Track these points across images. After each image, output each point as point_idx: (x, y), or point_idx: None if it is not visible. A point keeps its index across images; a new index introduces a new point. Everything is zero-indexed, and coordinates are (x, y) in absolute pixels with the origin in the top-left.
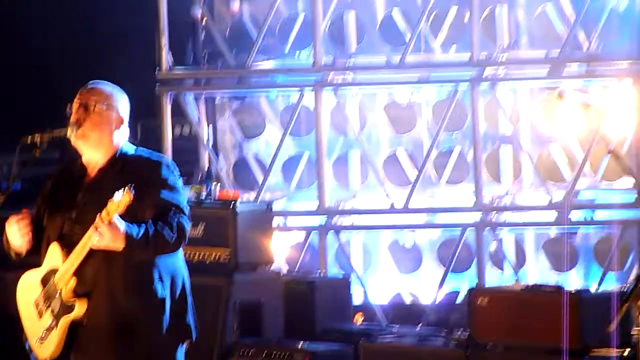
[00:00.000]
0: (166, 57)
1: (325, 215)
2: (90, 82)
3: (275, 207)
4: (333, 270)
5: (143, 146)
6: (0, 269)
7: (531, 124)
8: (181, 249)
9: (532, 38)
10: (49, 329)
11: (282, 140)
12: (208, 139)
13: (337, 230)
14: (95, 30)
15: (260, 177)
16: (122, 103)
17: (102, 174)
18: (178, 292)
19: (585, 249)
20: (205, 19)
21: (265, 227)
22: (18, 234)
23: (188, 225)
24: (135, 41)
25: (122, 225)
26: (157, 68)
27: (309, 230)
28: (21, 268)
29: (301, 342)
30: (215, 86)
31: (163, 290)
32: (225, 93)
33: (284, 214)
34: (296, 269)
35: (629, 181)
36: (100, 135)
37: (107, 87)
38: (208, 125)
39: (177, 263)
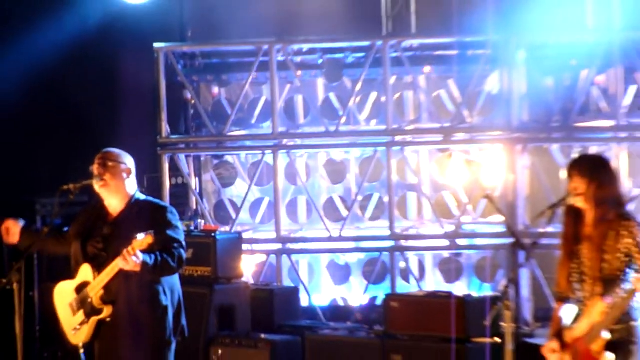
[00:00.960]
0: (165, 128)
1: (281, 243)
2: (104, 149)
3: (244, 236)
4: (287, 282)
5: (148, 193)
6: (48, 280)
7: (430, 176)
8: None
9: (430, 114)
10: (81, 324)
11: (249, 188)
12: (195, 187)
13: (289, 253)
14: (114, 109)
15: (233, 215)
16: (128, 159)
17: (123, 215)
18: (176, 301)
19: (468, 266)
20: (193, 100)
21: (237, 251)
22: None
23: (185, 255)
24: (141, 116)
25: (141, 256)
26: (158, 136)
27: (269, 253)
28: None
29: (264, 335)
30: (200, 149)
31: (166, 300)
32: (208, 154)
33: (251, 241)
34: (260, 281)
35: (499, 218)
36: (117, 184)
37: (116, 150)
38: (195, 177)
39: (175, 280)
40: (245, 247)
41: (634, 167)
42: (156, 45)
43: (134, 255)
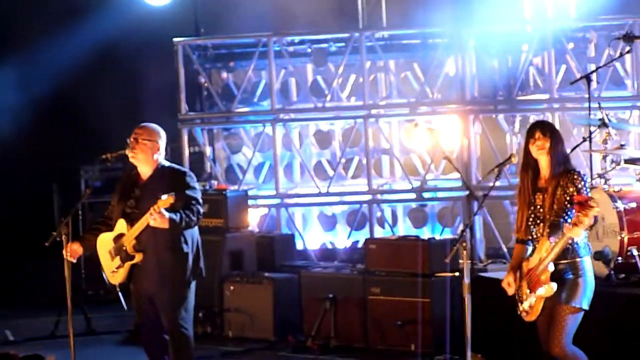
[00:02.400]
0: (183, 106)
1: (279, 198)
2: (142, 123)
3: (250, 193)
4: (285, 230)
5: (170, 160)
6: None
7: (399, 142)
8: None
9: (399, 92)
10: (118, 268)
11: (253, 155)
12: (209, 154)
13: (287, 206)
14: (143, 92)
15: (240, 176)
16: (158, 136)
17: (150, 179)
18: (195, 248)
19: (432, 215)
20: (206, 83)
21: (244, 206)
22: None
23: (202, 210)
24: (164, 99)
25: (166, 214)
26: (178, 113)
27: (270, 207)
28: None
29: (267, 273)
30: (212, 123)
31: (187, 248)
32: (219, 127)
33: (255, 197)
34: (263, 229)
35: (457, 175)
36: (145, 157)
37: (150, 127)
38: (209, 146)
39: (194, 230)
40: (250, 202)
41: (564, 131)
42: (175, 39)
43: (159, 213)
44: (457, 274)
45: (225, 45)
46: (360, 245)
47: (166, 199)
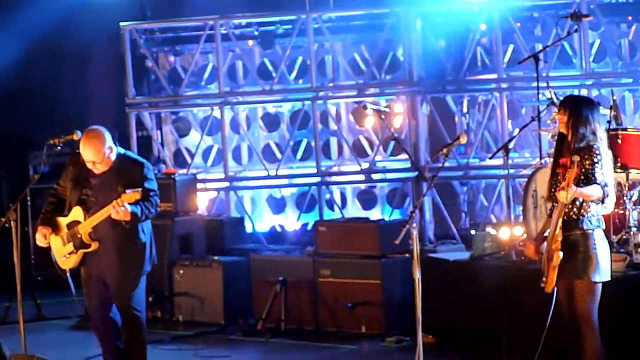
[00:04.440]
0: (131, 90)
1: (228, 181)
2: (83, 143)
3: (198, 177)
4: (234, 213)
5: (119, 144)
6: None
7: (347, 123)
8: None
9: (347, 73)
10: (70, 254)
11: (201, 138)
12: (157, 138)
13: (235, 189)
14: (89, 78)
15: (189, 160)
16: (106, 140)
17: (109, 169)
18: (149, 236)
19: (381, 196)
20: (153, 67)
21: (192, 189)
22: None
23: (159, 202)
24: (111, 83)
25: (129, 207)
26: (126, 97)
27: (218, 190)
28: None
29: (216, 257)
30: (160, 107)
31: (145, 237)
32: (167, 110)
33: (204, 181)
34: (212, 213)
35: (405, 156)
36: (107, 161)
37: (95, 141)
38: (157, 130)
39: (149, 221)
40: (199, 185)
41: (513, 111)
42: (122, 24)
43: (122, 207)
44: (407, 255)
45: (172, 29)
46: (309, 227)
47: (131, 194)
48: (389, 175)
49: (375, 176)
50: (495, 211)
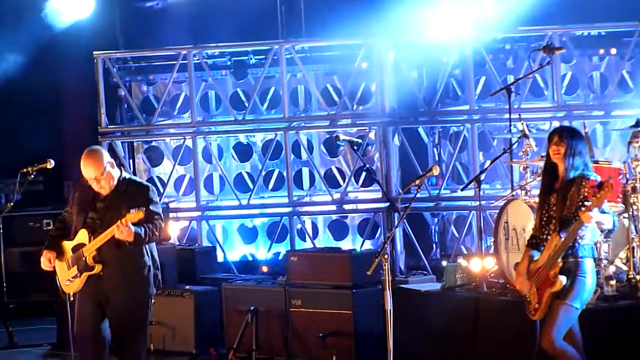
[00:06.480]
0: (104, 119)
1: (200, 211)
2: (85, 158)
3: (171, 206)
4: (205, 242)
5: None
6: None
7: (320, 154)
8: None
9: (319, 104)
10: (74, 277)
11: (173, 167)
12: (129, 167)
13: (207, 219)
14: (62, 106)
15: (161, 189)
16: (105, 155)
17: (113, 192)
18: (154, 260)
19: (353, 227)
20: (126, 96)
21: (164, 218)
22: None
23: (163, 225)
24: (84, 111)
25: (133, 228)
26: (99, 126)
27: (190, 219)
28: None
29: (188, 286)
30: (133, 136)
31: (149, 260)
32: (139, 140)
33: (176, 210)
34: (184, 242)
35: (377, 187)
36: (110, 179)
37: (95, 156)
38: (129, 159)
39: (152, 244)
40: (171, 214)
41: (485, 143)
42: (95, 52)
43: (126, 227)
44: (378, 285)
45: (145, 58)
46: (281, 257)
47: (135, 214)
48: (361, 206)
49: (347, 206)
50: (466, 242)
